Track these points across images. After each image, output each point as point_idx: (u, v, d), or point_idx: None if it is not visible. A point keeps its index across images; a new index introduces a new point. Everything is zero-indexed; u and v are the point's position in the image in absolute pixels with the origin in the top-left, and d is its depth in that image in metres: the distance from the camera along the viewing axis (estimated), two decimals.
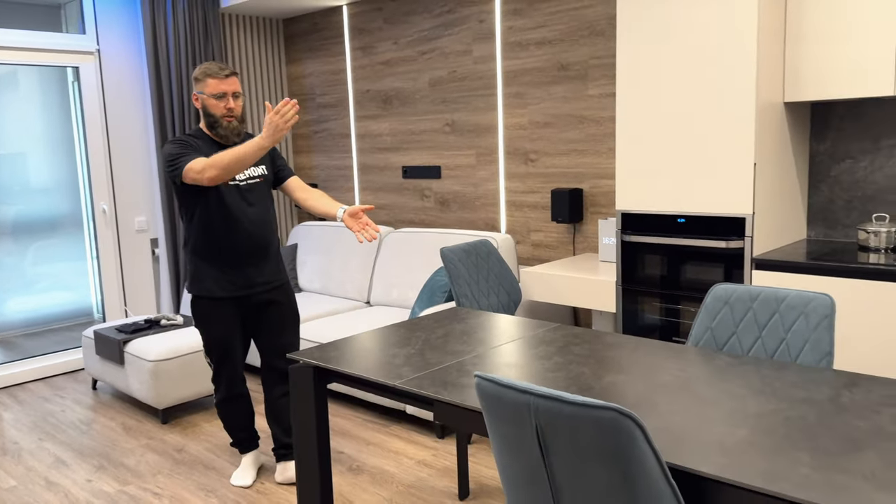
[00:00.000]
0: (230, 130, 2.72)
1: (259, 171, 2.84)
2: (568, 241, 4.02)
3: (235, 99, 2.72)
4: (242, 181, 2.78)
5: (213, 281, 2.76)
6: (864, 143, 3.01)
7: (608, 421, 1.27)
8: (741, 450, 1.43)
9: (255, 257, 2.80)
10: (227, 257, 2.75)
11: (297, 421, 2.28)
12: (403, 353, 2.17)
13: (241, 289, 2.79)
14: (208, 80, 2.67)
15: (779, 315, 2.07)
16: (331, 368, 2.09)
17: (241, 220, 2.74)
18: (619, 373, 1.91)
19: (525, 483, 1.47)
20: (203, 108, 2.72)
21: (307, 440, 2.28)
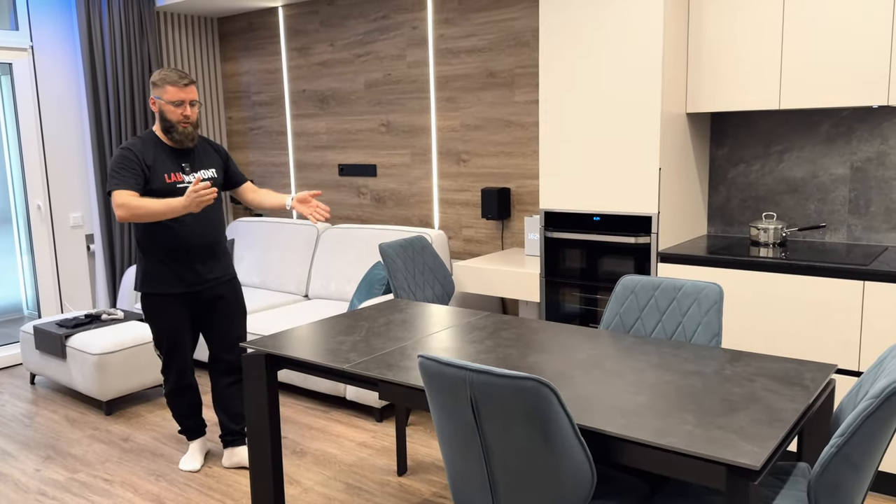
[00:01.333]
0: (185, 136, 2.86)
1: (209, 174, 2.99)
2: (497, 237, 4.30)
3: (192, 106, 2.85)
4: (192, 183, 2.92)
5: (162, 278, 2.90)
6: (756, 150, 3.40)
7: (529, 389, 1.53)
8: (639, 413, 1.73)
9: (203, 255, 2.95)
10: (176, 256, 2.89)
11: (250, 407, 2.47)
12: (350, 341, 2.39)
13: (190, 286, 2.93)
14: (167, 87, 2.79)
15: (676, 302, 2.40)
16: (283, 355, 2.29)
17: (189, 220, 2.89)
18: (541, 353, 2.19)
19: (461, 445, 1.73)
20: (160, 113, 2.84)
21: (260, 424, 2.47)
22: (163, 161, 2.86)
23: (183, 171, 2.91)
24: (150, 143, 2.86)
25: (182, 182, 2.89)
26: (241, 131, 5.60)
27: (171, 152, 2.89)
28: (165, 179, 2.85)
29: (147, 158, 2.82)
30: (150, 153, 2.83)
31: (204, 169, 2.98)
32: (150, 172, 2.82)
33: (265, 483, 2.52)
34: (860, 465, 1.56)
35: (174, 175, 2.87)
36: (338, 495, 2.88)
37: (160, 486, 3.00)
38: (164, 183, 2.84)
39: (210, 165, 3.01)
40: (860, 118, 3.12)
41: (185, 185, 2.89)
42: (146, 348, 3.90)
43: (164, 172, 2.85)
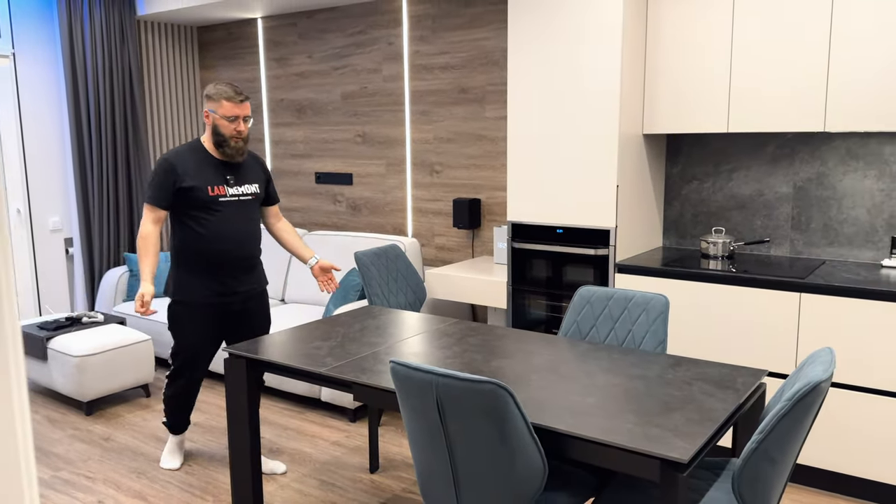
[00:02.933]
0: (236, 150, 2.90)
1: (253, 189, 3.03)
2: (467, 245, 4.50)
3: (245, 122, 2.89)
4: (238, 196, 2.96)
5: (193, 287, 2.95)
6: (707, 168, 3.64)
7: (488, 392, 1.73)
8: (588, 412, 1.94)
9: (236, 268, 3.00)
10: (213, 267, 2.94)
11: (231, 408, 2.63)
12: (326, 346, 2.57)
13: (219, 296, 2.99)
14: (223, 102, 2.84)
15: (627, 311, 2.62)
16: (264, 360, 2.46)
17: (231, 233, 2.94)
18: (503, 358, 2.39)
19: (428, 442, 1.91)
20: (213, 127, 2.87)
21: (241, 425, 2.63)
22: (207, 172, 2.89)
23: (227, 183, 2.94)
24: (195, 152, 2.90)
25: (225, 195, 2.92)
26: None
27: (217, 164, 2.93)
28: (209, 192, 2.88)
29: (186, 168, 2.85)
30: (190, 163, 2.87)
31: (248, 183, 3.01)
32: (191, 183, 2.85)
33: (245, 481, 2.68)
34: (777, 459, 1.78)
35: (218, 188, 2.91)
36: (312, 492, 3.05)
37: (142, 482, 3.14)
38: (207, 195, 2.88)
39: (254, 180, 3.05)
40: (802, 141, 3.37)
41: (228, 199, 2.93)
42: (126, 350, 4.03)
43: (207, 184, 2.88)
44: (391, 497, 2.99)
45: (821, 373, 1.75)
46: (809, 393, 1.70)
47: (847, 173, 3.29)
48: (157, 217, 2.89)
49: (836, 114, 2.98)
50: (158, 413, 3.96)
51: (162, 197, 2.86)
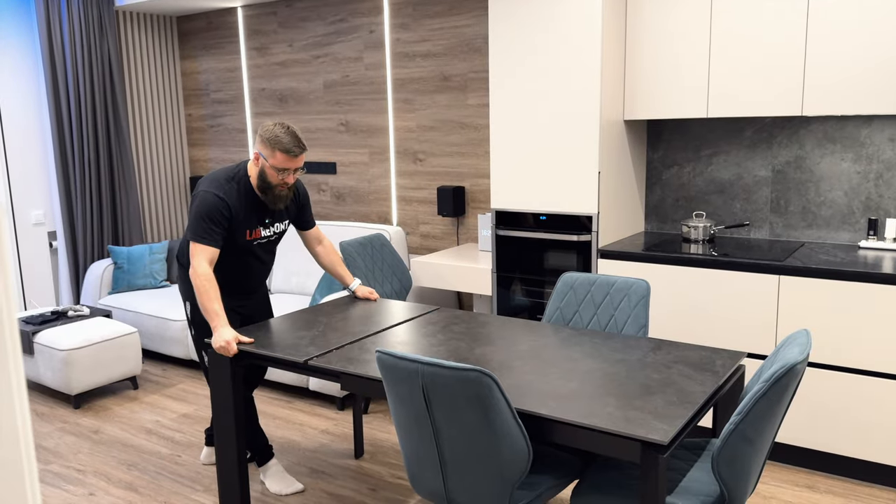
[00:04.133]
0: (278, 199, 2.71)
1: (282, 227, 2.91)
2: (452, 233, 4.53)
3: (295, 172, 2.68)
4: (268, 238, 2.84)
5: None
6: (687, 153, 3.69)
7: (473, 379, 1.76)
8: (569, 397, 1.98)
9: (247, 294, 2.96)
10: (225, 289, 2.86)
11: (216, 397, 2.65)
12: (309, 335, 2.59)
13: (231, 309, 2.93)
14: (277, 154, 2.60)
15: (609, 296, 2.66)
16: (247, 350, 2.48)
17: (251, 268, 2.87)
18: (487, 345, 2.42)
19: (414, 428, 1.95)
20: (261, 171, 2.66)
21: (226, 414, 2.66)
22: (249, 215, 2.74)
23: (263, 224, 2.80)
24: (244, 194, 2.71)
25: (259, 238, 2.81)
26: (201, 128, 5.71)
27: (258, 204, 2.76)
28: (246, 236, 2.75)
29: (238, 212, 2.69)
30: (242, 207, 2.70)
31: (280, 221, 2.89)
32: (237, 225, 2.71)
33: (231, 474, 2.71)
34: (754, 439, 1.83)
35: (254, 232, 2.78)
36: (302, 479, 3.09)
37: (132, 474, 3.16)
38: (244, 239, 2.75)
39: (286, 216, 2.92)
40: (780, 126, 3.42)
41: (262, 241, 2.83)
42: (113, 343, 4.03)
43: (247, 228, 2.74)
44: (379, 482, 3.03)
45: (797, 354, 1.80)
46: (785, 374, 1.75)
47: (824, 156, 3.34)
48: (212, 257, 2.63)
49: (813, 98, 3.02)
50: (146, 405, 3.97)
51: (217, 236, 2.64)
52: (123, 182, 5.23)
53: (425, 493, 2.04)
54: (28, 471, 0.68)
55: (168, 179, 5.70)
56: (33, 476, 0.68)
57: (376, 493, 2.95)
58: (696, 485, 2.02)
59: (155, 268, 4.99)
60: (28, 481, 0.68)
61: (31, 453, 0.68)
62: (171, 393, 4.15)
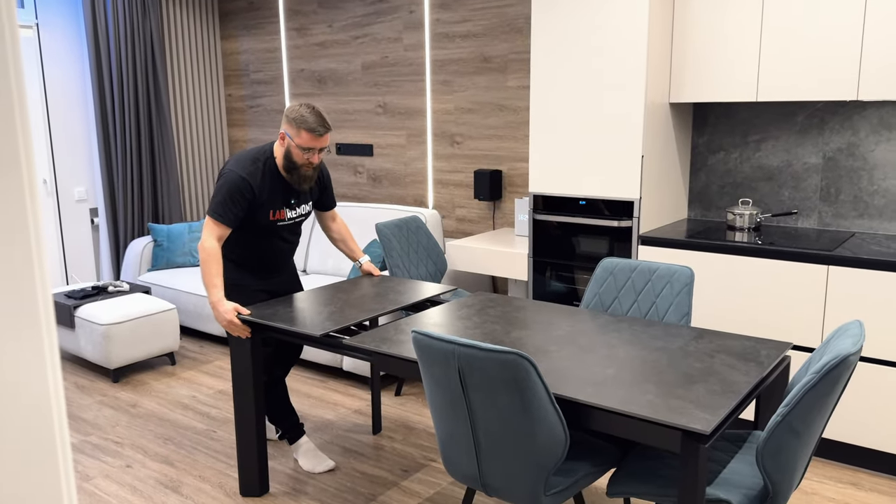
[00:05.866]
0: (304, 179, 2.72)
1: (307, 209, 2.91)
2: (488, 217, 4.48)
3: (320, 152, 2.69)
4: (294, 219, 2.83)
5: (239, 277, 2.86)
6: (734, 139, 3.58)
7: (510, 362, 1.73)
8: (608, 383, 1.93)
9: (274, 274, 2.94)
10: (251, 269, 2.87)
11: (236, 370, 2.66)
12: (329, 310, 2.58)
13: (258, 292, 2.91)
14: (303, 133, 2.60)
15: (651, 283, 2.59)
16: (266, 324, 2.47)
17: (275, 249, 2.87)
18: (523, 329, 2.38)
19: (449, 410, 1.92)
20: (286, 151, 2.67)
21: (246, 390, 2.67)
22: (274, 196, 2.74)
23: (289, 206, 2.81)
24: (269, 175, 2.72)
25: (283, 220, 2.80)
26: (240, 109, 5.73)
27: (284, 185, 2.77)
28: (270, 216, 2.75)
29: (262, 194, 2.70)
30: (266, 188, 2.71)
31: (305, 203, 2.89)
32: (260, 205, 2.71)
33: (250, 449, 2.73)
34: (801, 432, 1.76)
35: (279, 212, 2.77)
36: (334, 458, 3.09)
37: (168, 448, 3.21)
38: (268, 220, 2.75)
39: (309, 199, 2.92)
40: (832, 111, 3.29)
41: (286, 223, 2.82)
42: (151, 319, 4.09)
43: (270, 209, 2.74)
44: (412, 464, 3.02)
45: (850, 346, 1.73)
46: (837, 366, 1.68)
47: (879, 143, 3.21)
48: (222, 235, 2.65)
49: (869, 82, 2.90)
50: (183, 381, 4.02)
51: (234, 218, 2.65)
52: (164, 161, 5.29)
53: (459, 477, 2.02)
54: (60, 442, 0.66)
55: (207, 159, 5.74)
56: (66, 447, 0.67)
57: (409, 474, 2.95)
58: (737, 477, 1.96)
59: (194, 246, 5.04)
60: (60, 452, 0.66)
61: (63, 426, 0.66)
62: (207, 369, 4.20)
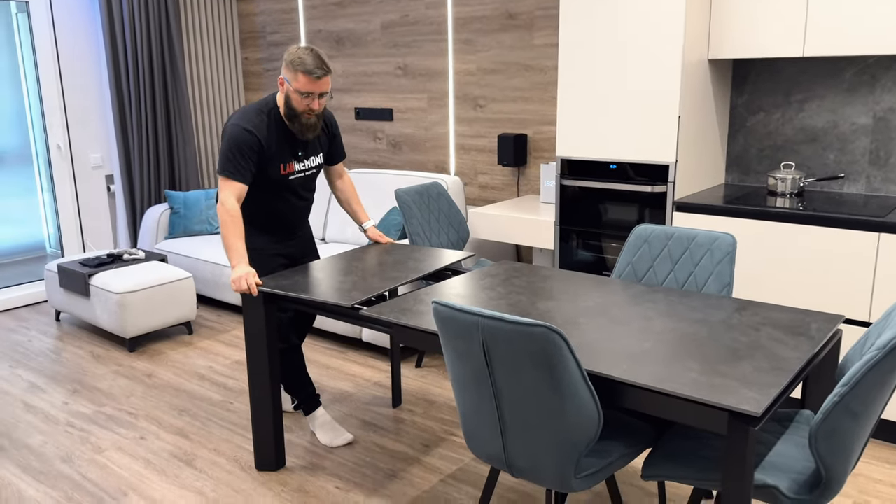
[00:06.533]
0: (306, 127, 2.59)
1: (317, 162, 2.78)
2: (512, 184, 4.31)
3: (321, 98, 2.55)
4: (304, 172, 2.72)
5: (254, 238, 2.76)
6: (776, 98, 3.35)
7: (539, 335, 1.58)
8: (645, 359, 1.78)
9: (290, 233, 2.83)
10: (267, 229, 2.76)
11: (250, 341, 2.55)
12: (350, 280, 2.45)
13: (274, 256, 2.81)
14: (300, 76, 2.47)
15: (689, 252, 2.42)
16: (287, 294, 2.34)
17: (290, 205, 2.75)
18: (551, 300, 2.23)
19: (472, 386, 1.79)
20: (286, 97, 2.55)
21: (260, 359, 2.55)
22: (282, 148, 2.62)
23: (297, 158, 2.69)
24: (276, 126, 2.60)
25: (293, 173, 2.68)
26: (257, 72, 5.58)
27: (291, 137, 2.64)
28: (280, 170, 2.64)
29: (270, 144, 2.58)
30: (273, 140, 2.59)
31: (314, 155, 2.76)
32: (269, 159, 2.60)
33: (266, 418, 2.62)
34: (860, 413, 1.60)
35: (288, 165, 2.66)
36: (353, 431, 2.99)
37: (183, 419, 3.13)
38: (279, 174, 2.64)
39: (320, 149, 2.79)
40: (885, 66, 3.06)
41: (297, 176, 2.70)
42: (167, 288, 4.00)
43: (280, 162, 2.63)
44: (432, 438, 2.91)
45: None
46: None
47: None
48: (240, 193, 2.54)
49: None
50: (200, 351, 3.94)
51: (246, 172, 2.53)
52: (180, 127, 5.16)
53: (483, 456, 1.89)
54: None
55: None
56: None
57: (429, 449, 2.83)
58: (784, 460, 1.81)
59: (211, 213, 4.93)
60: None
61: None
62: (224, 339, 4.11)
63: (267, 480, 2.64)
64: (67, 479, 2.67)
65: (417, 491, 2.55)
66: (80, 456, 2.83)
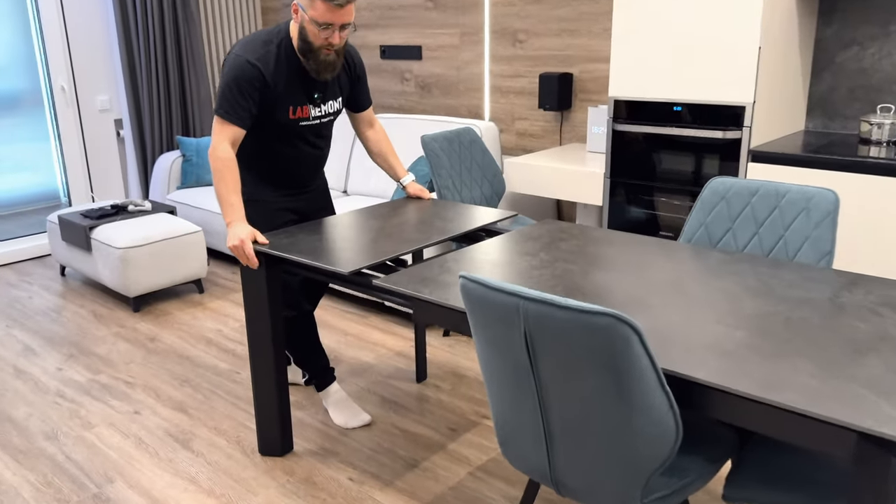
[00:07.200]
0: (323, 66, 2.17)
1: (336, 107, 2.37)
2: (554, 130, 3.84)
3: (342, 30, 2.13)
4: (319, 119, 2.32)
5: (254, 186, 2.38)
6: (872, 28, 2.82)
7: (603, 327, 1.17)
8: (739, 354, 1.36)
9: (300, 188, 2.44)
10: (272, 182, 2.38)
11: (250, 309, 2.20)
12: (360, 241, 2.05)
13: (281, 210, 2.44)
14: (317, 3, 2.06)
15: (779, 211, 1.97)
16: (283, 256, 1.96)
17: (301, 156, 2.36)
18: (608, 270, 1.81)
19: (510, 384, 1.39)
20: (300, 28, 2.14)
21: (261, 327, 2.19)
22: (293, 87, 2.22)
23: (312, 101, 2.28)
24: (286, 60, 2.19)
25: (306, 118, 2.27)
26: (275, 8, 5.12)
27: (305, 75, 2.23)
28: (290, 114, 2.24)
29: (277, 84, 2.18)
30: (282, 75, 2.18)
31: (333, 99, 2.35)
32: (276, 99, 2.20)
33: (269, 399, 2.28)
34: None
35: (301, 109, 2.25)
36: (372, 410, 2.64)
37: (184, 392, 2.81)
38: (287, 118, 2.24)
39: (339, 92, 2.37)
40: None
41: (311, 123, 2.30)
42: (174, 242, 3.66)
43: (290, 104, 2.23)
44: (461, 421, 2.55)
45: None
46: None
47: None
48: (235, 138, 2.16)
49: None
50: (210, 312, 3.62)
51: (244, 113, 2.14)
52: (192, 67, 4.76)
53: (522, 468, 1.51)
54: None
55: None
56: None
57: (456, 434, 2.47)
58: None
59: None
60: None
61: None
62: (237, 299, 3.78)
63: (271, 468, 2.31)
64: (49, 459, 2.37)
65: (442, 486, 2.20)
66: (66, 432, 2.53)
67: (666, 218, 2.90)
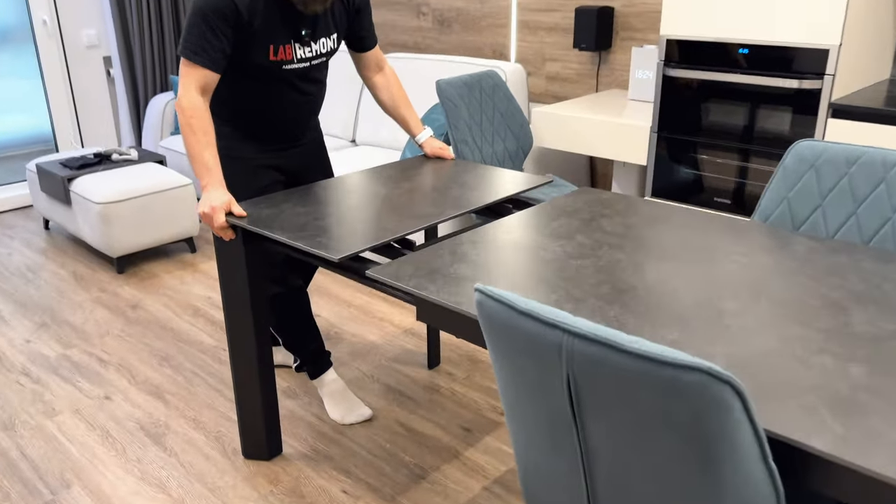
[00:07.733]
0: None
1: (330, 46, 1.97)
2: (591, 74, 3.37)
3: None
4: (309, 61, 1.94)
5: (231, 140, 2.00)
6: None
7: (692, 386, 0.78)
8: (861, 404, 0.97)
9: (287, 142, 2.06)
10: (254, 135, 2.00)
11: (227, 288, 1.84)
12: (359, 215, 1.67)
13: (266, 169, 2.06)
14: None
15: (885, 186, 1.54)
16: (256, 231, 1.58)
17: (286, 104, 1.97)
18: (665, 260, 1.42)
19: (543, 434, 1.02)
20: None
21: (239, 305, 1.84)
22: (274, 22, 1.83)
23: (300, 40, 1.89)
24: None
25: (290, 60, 1.89)
26: None
27: (289, 7, 1.84)
28: (270, 54, 1.85)
29: (254, 17, 1.79)
30: (259, 8, 1.79)
31: (326, 36, 1.95)
32: (251, 38, 1.81)
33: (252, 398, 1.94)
34: None
35: (283, 49, 1.86)
36: (374, 402, 2.30)
37: (163, 373, 2.48)
38: (267, 60, 1.85)
39: (333, 29, 1.97)
40: None
41: (295, 67, 1.91)
42: (162, 196, 3.29)
43: (270, 42, 1.84)
44: (475, 418, 2.20)
45: None
46: None
47: None
48: (206, 83, 1.78)
49: None
50: (200, 275, 3.27)
51: (216, 53, 1.76)
52: None
53: None
54: None
55: None
56: None
57: (470, 435, 2.13)
58: None
59: None
60: None
61: None
62: None
63: (253, 473, 1.99)
64: (2, 456, 2.07)
65: None
66: (25, 421, 2.22)
67: (721, 182, 2.47)
